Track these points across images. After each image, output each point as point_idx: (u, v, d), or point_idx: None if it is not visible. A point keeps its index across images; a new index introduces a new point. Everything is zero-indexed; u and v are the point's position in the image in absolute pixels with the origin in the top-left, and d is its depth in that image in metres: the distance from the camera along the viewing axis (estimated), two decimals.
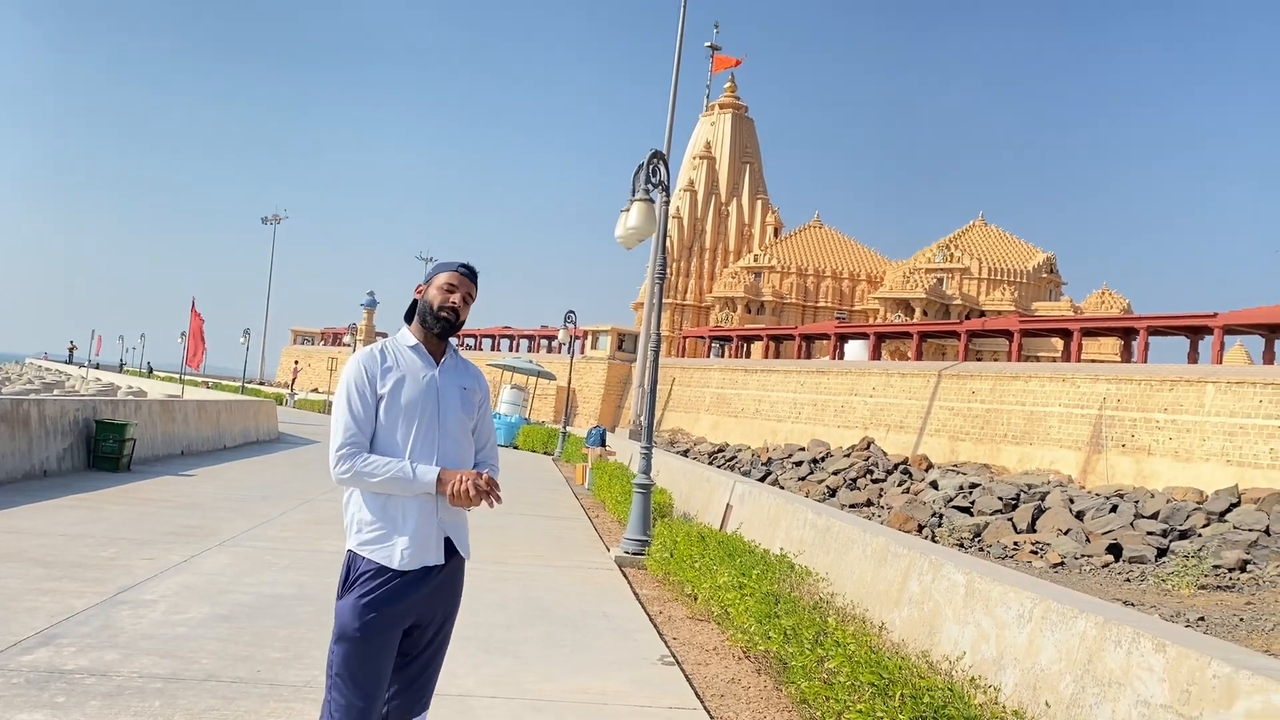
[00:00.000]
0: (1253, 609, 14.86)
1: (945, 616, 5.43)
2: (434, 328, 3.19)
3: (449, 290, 3.20)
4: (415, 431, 3.10)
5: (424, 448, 3.10)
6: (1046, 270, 64.35)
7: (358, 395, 3.08)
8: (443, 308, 3.18)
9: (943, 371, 37.53)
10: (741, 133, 73.61)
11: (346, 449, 3.04)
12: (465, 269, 3.26)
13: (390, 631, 3.02)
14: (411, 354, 3.18)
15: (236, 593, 6.81)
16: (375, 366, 3.12)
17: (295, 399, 53.98)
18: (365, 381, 3.10)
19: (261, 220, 76.79)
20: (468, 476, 3.04)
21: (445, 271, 3.24)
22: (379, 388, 3.10)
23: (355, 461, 3.03)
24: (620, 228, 10.36)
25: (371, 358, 3.14)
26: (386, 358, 3.15)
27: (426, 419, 3.11)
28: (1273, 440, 25.42)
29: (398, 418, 3.09)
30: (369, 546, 3.05)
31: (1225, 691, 3.47)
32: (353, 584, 3.03)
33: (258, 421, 23.20)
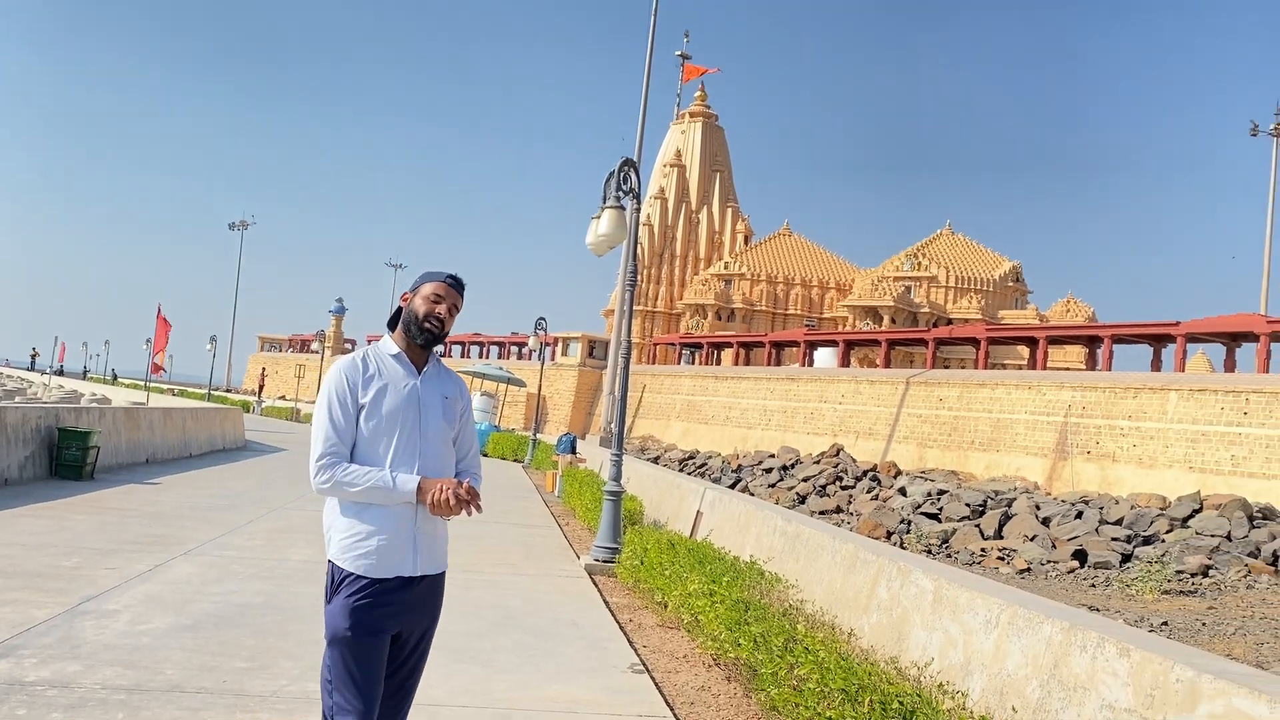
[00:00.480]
0: (1215, 614, 15.05)
1: (913, 623, 5.47)
2: (418, 338, 3.16)
3: (435, 301, 3.17)
4: (397, 441, 3.08)
5: (405, 457, 3.09)
6: (1013, 279, 64.99)
7: (338, 404, 3.06)
8: (428, 318, 3.15)
9: (911, 379, 37.79)
10: (712, 141, 73.87)
11: (326, 459, 3.03)
12: (453, 280, 3.23)
13: (380, 635, 3.02)
14: (394, 362, 3.16)
15: (202, 602, 6.74)
16: (357, 375, 3.10)
17: (262, 406, 53.48)
18: (346, 390, 3.08)
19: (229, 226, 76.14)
20: (448, 485, 3.04)
21: (432, 281, 3.21)
22: (360, 397, 3.08)
23: (335, 471, 3.02)
24: (591, 235, 10.36)
25: (353, 366, 3.12)
26: (369, 366, 3.13)
27: (408, 428, 3.10)
28: (1234, 447, 25.80)
29: (379, 427, 3.07)
30: (346, 555, 3.04)
31: (1188, 695, 3.52)
32: (338, 589, 3.03)
33: (224, 429, 22.97)
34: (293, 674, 5.26)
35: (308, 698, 4.88)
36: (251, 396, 59.96)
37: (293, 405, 53.64)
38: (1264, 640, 12.89)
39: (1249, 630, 13.62)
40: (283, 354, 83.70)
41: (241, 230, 76.18)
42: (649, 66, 34.21)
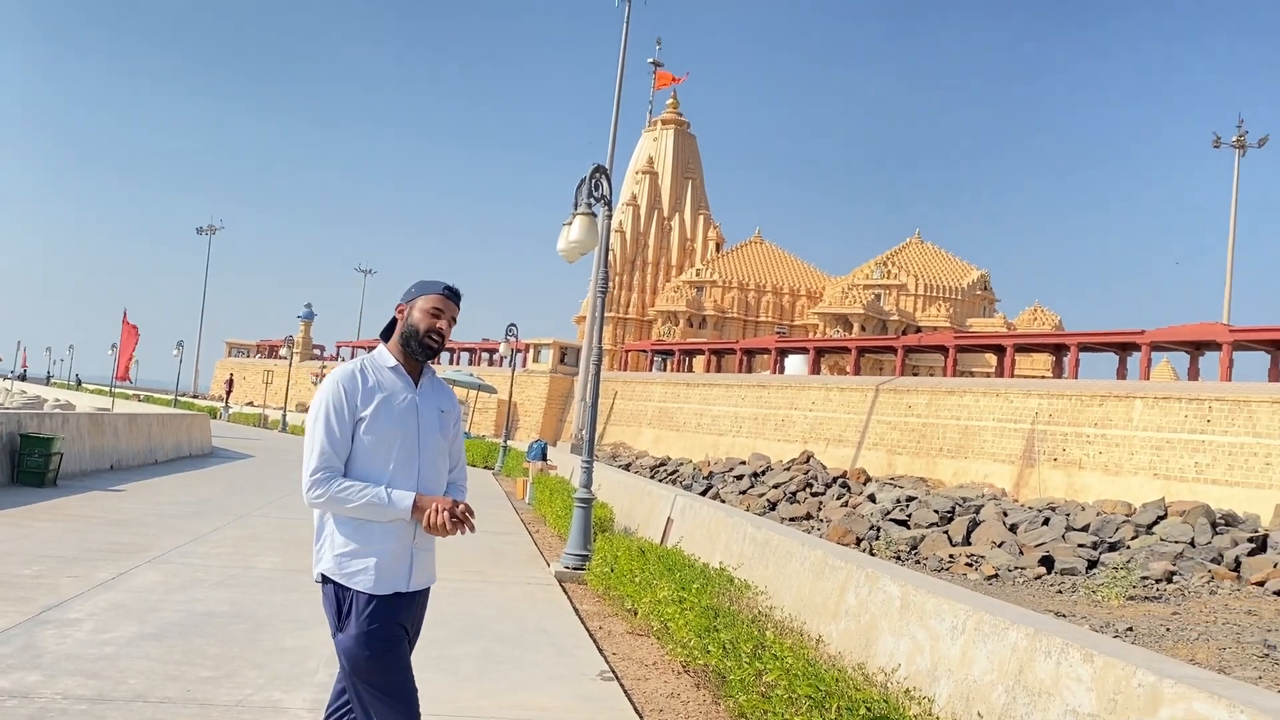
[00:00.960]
0: (1179, 619, 15.24)
1: (881, 629, 5.50)
2: (419, 354, 3.13)
3: (435, 315, 3.12)
4: (396, 454, 3.04)
5: (404, 471, 3.05)
6: (981, 287, 65.58)
7: (335, 417, 3.00)
8: (429, 333, 3.12)
9: (880, 386, 38.02)
10: (684, 148, 74.06)
11: (321, 473, 2.97)
12: (450, 292, 3.19)
13: (399, 645, 3.03)
14: (392, 375, 3.10)
15: (167, 611, 6.66)
16: (355, 387, 3.04)
17: (230, 413, 52.99)
18: (344, 404, 3.01)
19: (196, 230, 75.49)
20: (443, 506, 2.99)
21: (430, 294, 3.14)
22: (359, 409, 3.02)
23: (330, 486, 2.96)
24: (562, 241, 10.35)
25: (351, 378, 3.06)
26: (367, 378, 3.07)
27: (407, 442, 3.06)
28: (1197, 454, 26.15)
29: (379, 440, 3.02)
30: (346, 573, 2.98)
31: (1150, 700, 3.56)
32: (348, 615, 2.98)
33: (190, 435, 22.74)
34: (258, 683, 5.21)
35: (274, 707, 4.84)
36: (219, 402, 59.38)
37: (260, 411, 53.18)
38: (1226, 645, 13.06)
39: (1212, 635, 13.80)
40: (250, 360, 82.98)
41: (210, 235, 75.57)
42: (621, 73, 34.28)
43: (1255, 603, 17.14)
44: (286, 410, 48.44)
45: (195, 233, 75.99)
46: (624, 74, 34.35)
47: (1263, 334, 33.75)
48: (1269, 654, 12.55)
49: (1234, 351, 34.05)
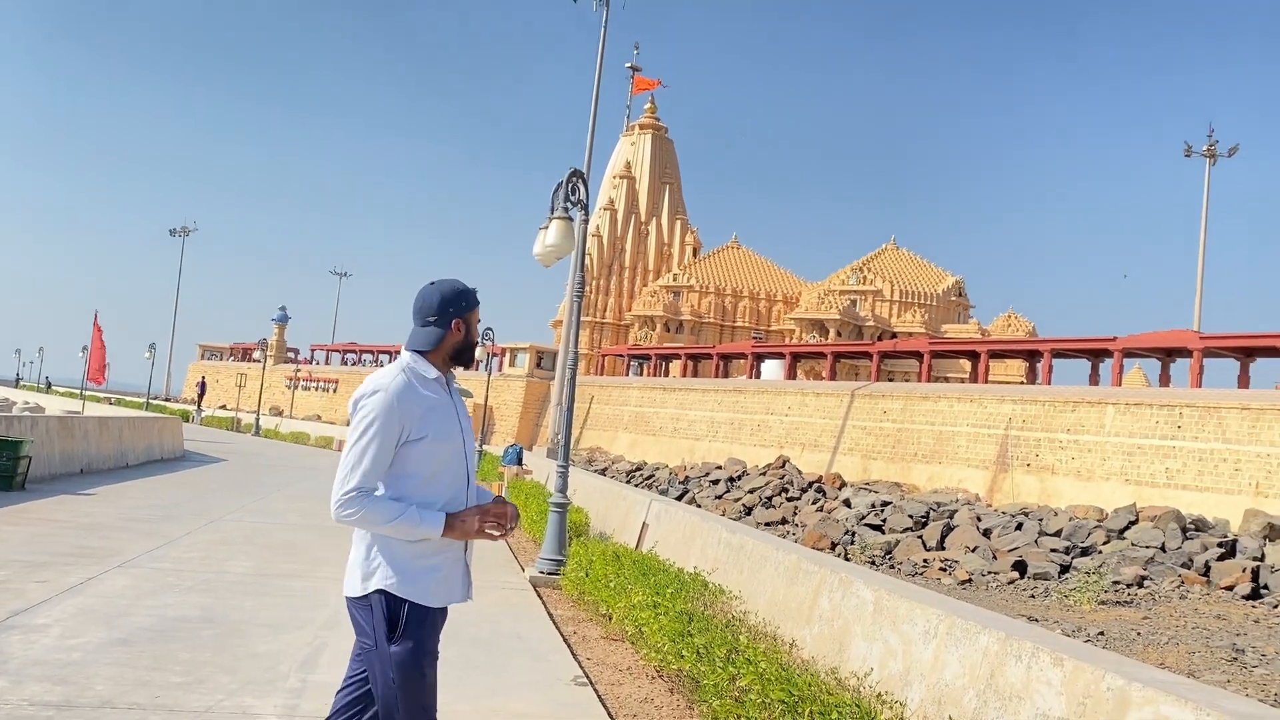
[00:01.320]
0: (1149, 623, 15.38)
1: (854, 633, 5.52)
2: (466, 365, 3.21)
3: (476, 328, 3.22)
4: (450, 465, 3.06)
5: (458, 481, 3.08)
6: (955, 293, 66.02)
7: (386, 436, 2.93)
8: (475, 349, 3.21)
9: (856, 391, 38.19)
10: (661, 153, 74.18)
11: (357, 493, 2.90)
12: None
13: (436, 661, 3.04)
14: (436, 386, 3.09)
15: (136, 616, 6.60)
16: (410, 406, 2.97)
17: (203, 416, 52.56)
18: (397, 422, 2.94)
19: (170, 232, 74.83)
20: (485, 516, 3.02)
21: (475, 307, 3.18)
22: (414, 428, 2.97)
23: (364, 505, 2.89)
24: (539, 245, 10.34)
25: (407, 397, 2.98)
26: (419, 394, 3.01)
27: (456, 451, 3.08)
28: (1168, 460, 26.42)
29: (435, 455, 3.01)
30: (407, 586, 2.94)
31: (1118, 704, 3.59)
32: (405, 627, 2.94)
33: (162, 439, 22.54)
34: (229, 688, 5.17)
35: (244, 713, 4.80)
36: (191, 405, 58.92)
37: (234, 415, 52.79)
38: (1195, 649, 13.20)
39: (1181, 639, 13.94)
40: (224, 362, 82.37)
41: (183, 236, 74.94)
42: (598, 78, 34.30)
43: (1224, 607, 17.33)
44: (260, 414, 48.10)
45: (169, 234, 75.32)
46: (601, 78, 34.37)
47: (1232, 341, 34.16)
48: (1237, 658, 12.69)
49: (1204, 358, 34.43)
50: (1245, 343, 33.82)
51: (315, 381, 69.27)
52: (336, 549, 10.67)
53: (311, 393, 68.88)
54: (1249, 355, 34.89)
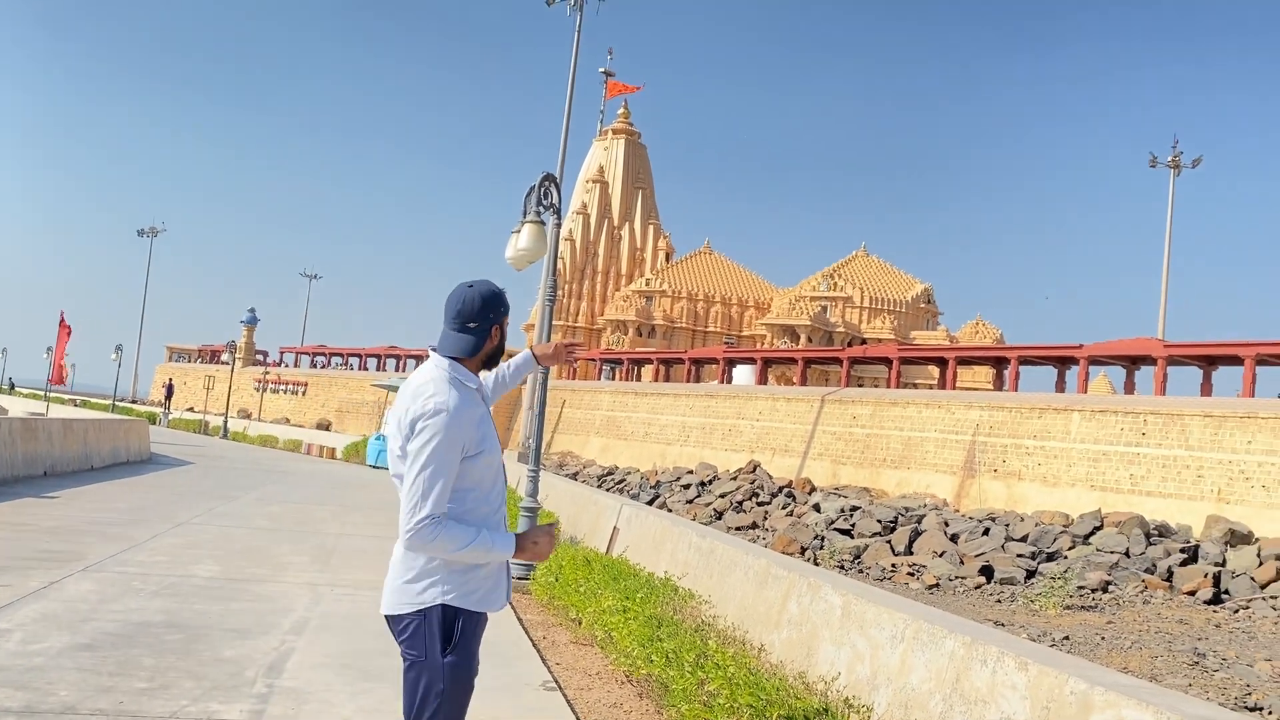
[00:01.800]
0: (1113, 628, 15.55)
1: (823, 638, 5.55)
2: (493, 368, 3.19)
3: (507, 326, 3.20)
4: (499, 477, 3.03)
5: (500, 493, 3.05)
6: (924, 300, 66.49)
7: (452, 459, 2.83)
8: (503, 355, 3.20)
9: (826, 397, 38.37)
10: (634, 158, 74.24)
11: (430, 520, 2.79)
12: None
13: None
14: (478, 396, 3.01)
15: (100, 620, 6.52)
16: (470, 424, 2.88)
17: (170, 418, 52.00)
18: (460, 444, 2.85)
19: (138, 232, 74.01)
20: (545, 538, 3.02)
21: (507, 312, 3.13)
22: (469, 449, 2.88)
23: (437, 533, 2.79)
24: (511, 249, 10.33)
25: (466, 414, 2.88)
26: (473, 409, 2.92)
27: (498, 464, 3.04)
28: (1132, 466, 26.73)
29: (488, 466, 2.96)
30: (471, 597, 2.92)
31: (1081, 707, 3.64)
32: (460, 638, 2.91)
33: (128, 441, 22.27)
34: (194, 694, 5.12)
35: (210, 718, 4.77)
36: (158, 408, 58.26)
37: (201, 417, 52.26)
38: (1159, 654, 13.36)
39: (1144, 644, 14.11)
40: (192, 364, 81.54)
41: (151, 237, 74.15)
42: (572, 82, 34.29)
43: (1186, 612, 17.56)
44: (228, 416, 47.66)
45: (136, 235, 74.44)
46: (575, 83, 34.37)
47: (1196, 349, 34.63)
48: (1199, 662, 12.86)
49: (1168, 366, 34.88)
50: (1208, 351, 34.30)
51: (284, 384, 68.70)
52: (304, 553, 10.60)
53: (280, 395, 68.31)
54: (1211, 363, 35.37)
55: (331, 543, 11.69)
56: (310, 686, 5.49)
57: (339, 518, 14.62)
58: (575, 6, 32.59)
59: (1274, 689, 11.45)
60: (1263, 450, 24.08)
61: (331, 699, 5.30)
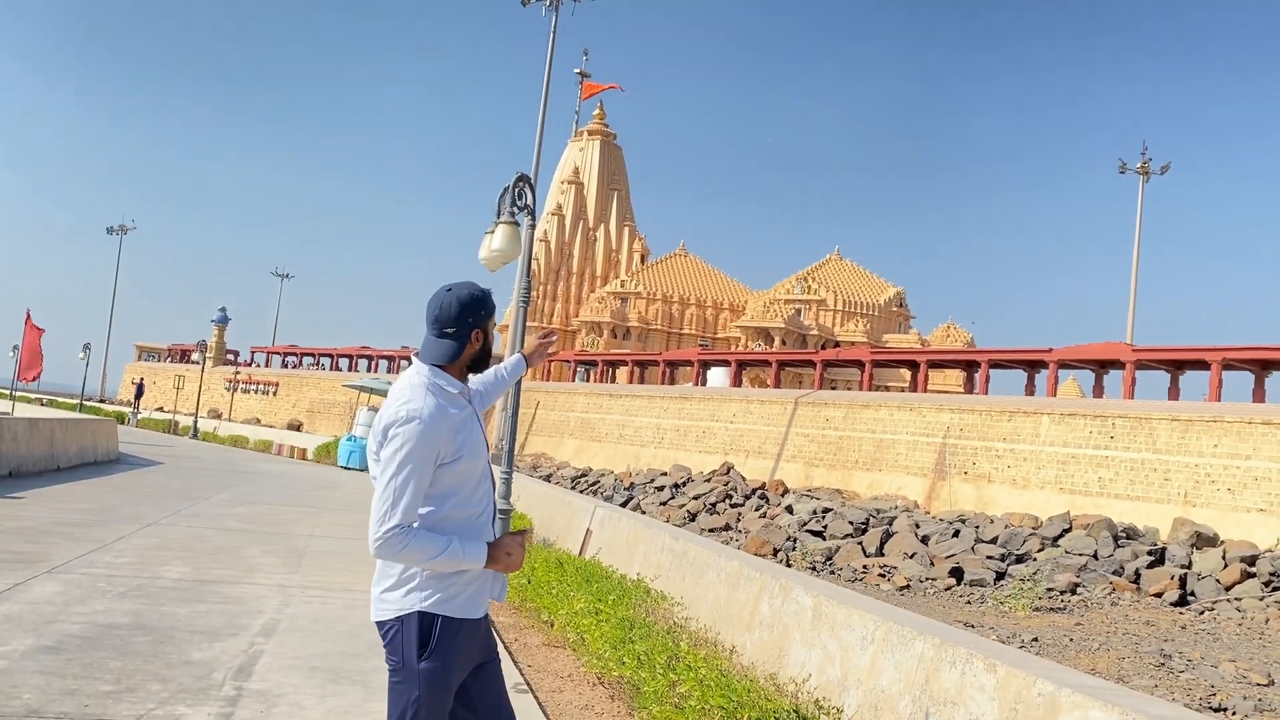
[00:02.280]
0: (1081, 629, 15.70)
1: (794, 639, 5.57)
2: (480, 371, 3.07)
3: (493, 329, 3.08)
4: (482, 483, 2.97)
5: (486, 497, 2.99)
6: (897, 304, 66.92)
7: (422, 468, 2.79)
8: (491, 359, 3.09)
9: (799, 399, 38.52)
10: (610, 159, 74.26)
11: (400, 530, 2.76)
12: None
13: (458, 683, 2.94)
14: (460, 401, 2.95)
15: (65, 623, 6.45)
16: (444, 432, 2.83)
17: (139, 418, 51.47)
18: (435, 449, 2.81)
19: (107, 230, 73.23)
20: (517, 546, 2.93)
21: (494, 312, 3.04)
22: (445, 456, 2.84)
23: (406, 542, 2.76)
24: (484, 250, 10.31)
25: (440, 421, 2.83)
26: (449, 415, 2.87)
27: (485, 467, 2.99)
28: (1101, 469, 27.01)
29: (469, 474, 2.91)
30: (446, 603, 2.86)
31: (1048, 709, 3.67)
32: (436, 644, 2.84)
33: (96, 441, 22.02)
34: (161, 696, 5.08)
35: None
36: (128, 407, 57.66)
37: (171, 417, 51.77)
38: (1126, 655, 13.50)
39: (1112, 645, 14.25)
40: (162, 364, 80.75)
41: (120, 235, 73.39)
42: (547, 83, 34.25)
43: (1153, 613, 17.76)
44: (198, 416, 47.23)
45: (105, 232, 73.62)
46: (550, 83, 34.32)
47: (1163, 354, 35.05)
48: (1165, 663, 13.01)
49: (1136, 370, 35.27)
50: (1175, 356, 34.72)
51: (255, 384, 68.17)
52: (275, 555, 10.52)
53: (251, 395, 67.78)
54: (1179, 368, 35.81)
55: (302, 544, 11.62)
56: (280, 689, 5.45)
57: (310, 519, 14.52)
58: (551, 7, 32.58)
59: (1238, 690, 11.60)
60: (1228, 454, 24.40)
61: (301, 701, 5.26)
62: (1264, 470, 23.59)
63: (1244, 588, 19.10)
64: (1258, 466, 23.75)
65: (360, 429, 33.68)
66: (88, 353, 52.73)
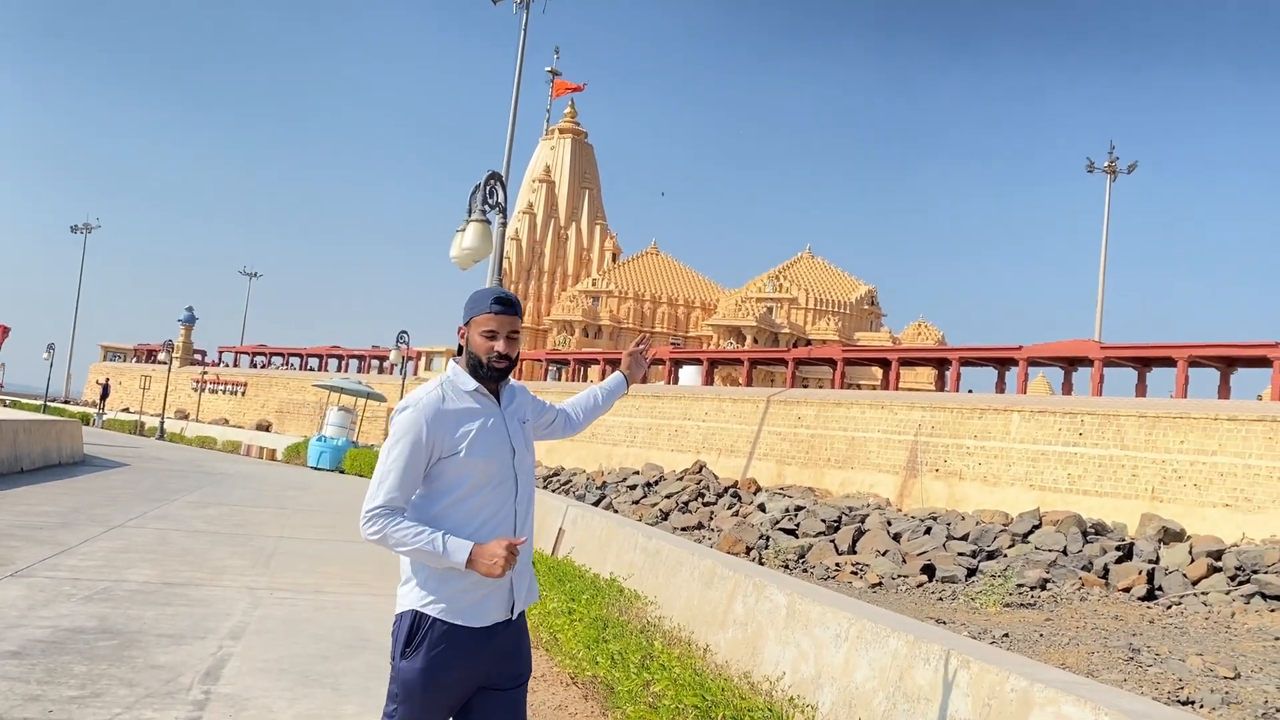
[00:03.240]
0: (1051, 625, 15.83)
1: (768, 637, 5.56)
2: (491, 377, 2.90)
3: (490, 337, 2.89)
4: (491, 488, 2.86)
5: (497, 506, 2.87)
6: (868, 302, 67.27)
7: (413, 453, 2.79)
8: (492, 361, 2.89)
9: (771, 397, 38.63)
10: (581, 158, 74.16)
11: (381, 510, 2.77)
12: (501, 305, 2.92)
13: (454, 693, 2.83)
14: (473, 398, 2.89)
15: (29, 627, 6.33)
16: (438, 420, 2.81)
17: (104, 419, 50.85)
18: (424, 438, 2.79)
19: (70, 229, 72.24)
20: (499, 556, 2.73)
21: (480, 314, 2.90)
22: (441, 444, 2.80)
23: (386, 524, 2.75)
24: (456, 248, 10.26)
25: (434, 409, 2.81)
26: (450, 407, 2.84)
27: (502, 469, 2.87)
28: (1070, 466, 27.27)
29: (468, 474, 2.83)
30: (437, 605, 2.80)
31: (1021, 704, 3.68)
32: (419, 645, 2.79)
33: (60, 442, 21.72)
34: (127, 701, 4.99)
35: None
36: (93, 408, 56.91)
37: (137, 418, 51.18)
38: (1095, 649, 13.62)
39: (1082, 640, 14.38)
40: (128, 364, 79.81)
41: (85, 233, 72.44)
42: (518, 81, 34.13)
43: (1122, 608, 17.94)
44: (165, 417, 46.71)
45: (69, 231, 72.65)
46: (521, 81, 34.21)
47: (1131, 351, 35.44)
48: (1134, 657, 13.14)
49: (1104, 367, 35.65)
50: (1142, 353, 35.12)
51: (223, 384, 67.53)
52: (243, 556, 10.41)
53: (219, 395, 67.14)
54: (1146, 365, 36.23)
55: (271, 546, 11.50)
56: (249, 692, 5.38)
57: (279, 520, 14.38)
58: (521, 5, 32.46)
59: (1205, 683, 11.74)
60: (1194, 450, 24.71)
61: (271, 705, 5.20)
62: (1229, 466, 23.91)
63: (1210, 582, 19.34)
64: (1223, 462, 24.06)
65: (331, 429, 33.42)
66: (52, 353, 52.03)
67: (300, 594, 8.54)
